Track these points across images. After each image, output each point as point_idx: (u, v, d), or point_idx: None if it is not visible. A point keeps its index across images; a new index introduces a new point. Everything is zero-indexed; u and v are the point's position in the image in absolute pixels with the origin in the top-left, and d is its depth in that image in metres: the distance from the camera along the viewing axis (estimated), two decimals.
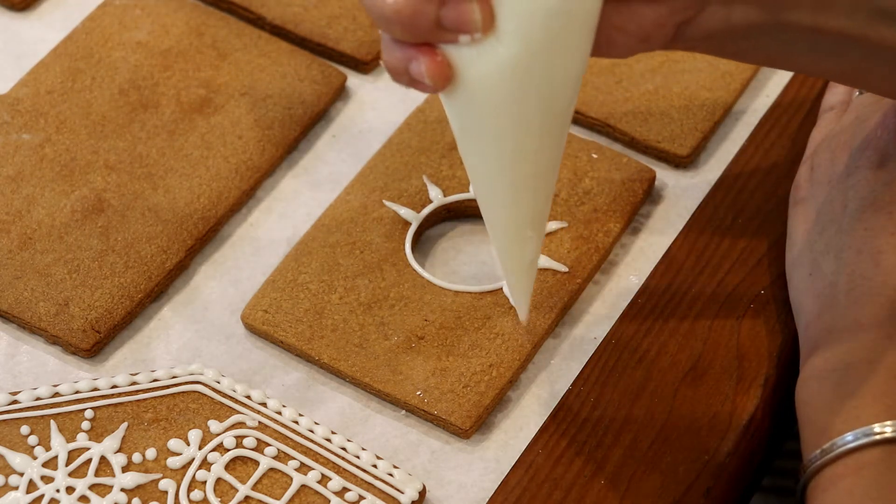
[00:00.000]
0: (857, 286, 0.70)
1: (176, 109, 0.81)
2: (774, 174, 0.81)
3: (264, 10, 0.86)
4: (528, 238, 0.66)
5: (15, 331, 0.75)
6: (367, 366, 0.73)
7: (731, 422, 0.72)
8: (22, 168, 0.79)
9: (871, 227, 0.71)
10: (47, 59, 0.83)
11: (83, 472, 0.69)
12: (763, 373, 0.74)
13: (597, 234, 0.77)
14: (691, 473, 0.71)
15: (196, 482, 0.69)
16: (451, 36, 0.59)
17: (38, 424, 0.71)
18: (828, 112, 0.79)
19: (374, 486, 0.69)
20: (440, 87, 0.60)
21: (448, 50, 0.59)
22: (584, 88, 0.82)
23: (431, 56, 0.59)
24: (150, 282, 0.75)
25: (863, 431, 0.65)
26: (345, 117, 0.83)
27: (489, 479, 0.71)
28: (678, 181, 0.81)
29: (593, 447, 0.71)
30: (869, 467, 0.65)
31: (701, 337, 0.75)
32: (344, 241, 0.77)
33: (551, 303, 0.75)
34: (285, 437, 0.71)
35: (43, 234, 0.76)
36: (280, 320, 0.74)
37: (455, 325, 0.74)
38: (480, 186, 0.65)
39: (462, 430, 0.72)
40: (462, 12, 0.58)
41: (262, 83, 0.82)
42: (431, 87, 0.60)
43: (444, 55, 0.59)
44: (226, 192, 0.79)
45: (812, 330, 0.70)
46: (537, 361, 0.74)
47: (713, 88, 0.83)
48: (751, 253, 0.78)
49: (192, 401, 0.72)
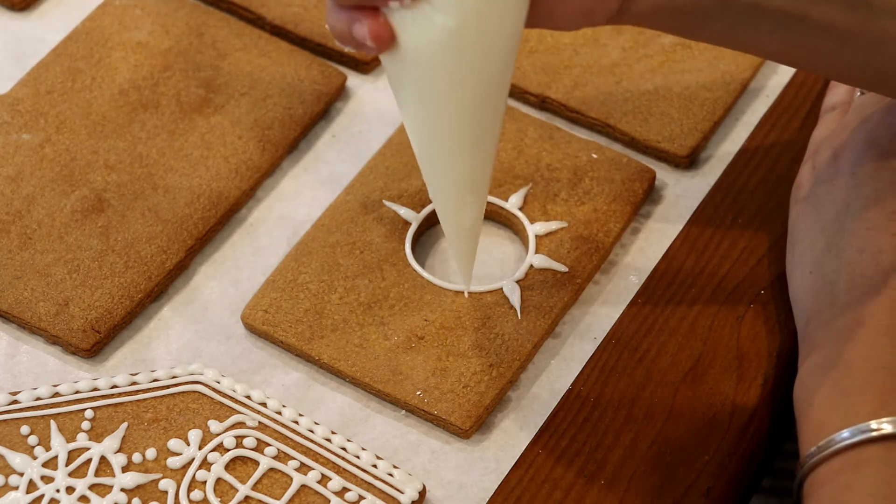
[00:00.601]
0: (857, 285, 0.70)
1: (176, 109, 0.81)
2: (774, 174, 0.81)
3: (264, 10, 0.86)
4: (468, 203, 0.68)
5: (15, 331, 0.75)
6: (367, 366, 0.73)
7: (731, 422, 0.72)
8: (22, 168, 0.79)
9: (873, 226, 0.71)
10: (47, 59, 0.83)
11: (83, 472, 0.69)
12: (763, 372, 0.74)
13: (597, 234, 0.77)
14: (691, 473, 0.71)
15: (196, 482, 0.69)
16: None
17: (38, 424, 0.71)
18: (829, 112, 0.79)
19: (374, 486, 0.69)
20: (381, 48, 0.62)
21: (389, 14, 0.62)
22: (585, 88, 0.82)
23: (373, 18, 0.62)
24: (150, 282, 0.75)
25: (859, 428, 0.65)
26: (345, 117, 0.83)
27: (489, 479, 0.71)
28: (678, 181, 0.81)
29: (593, 447, 0.71)
30: (867, 464, 0.65)
31: (701, 337, 0.75)
32: (344, 241, 0.77)
33: (551, 303, 0.75)
34: (285, 437, 0.71)
35: (43, 234, 0.76)
36: (280, 320, 0.74)
37: (455, 325, 0.74)
38: (419, 151, 0.67)
39: (462, 430, 0.72)
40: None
41: (262, 83, 0.82)
42: (374, 48, 0.62)
43: (385, 18, 0.62)
44: (226, 192, 0.79)
45: (812, 328, 0.70)
46: (537, 361, 0.74)
47: (713, 88, 0.83)
48: (751, 253, 0.78)
49: (192, 401, 0.72)
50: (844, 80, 0.70)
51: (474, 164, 0.66)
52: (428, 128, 0.65)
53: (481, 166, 0.67)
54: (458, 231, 0.69)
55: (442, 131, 0.65)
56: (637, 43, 0.84)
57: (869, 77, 0.67)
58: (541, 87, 0.83)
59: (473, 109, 0.64)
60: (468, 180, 0.67)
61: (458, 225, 0.69)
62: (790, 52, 0.67)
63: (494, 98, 0.64)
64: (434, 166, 0.67)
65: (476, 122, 0.65)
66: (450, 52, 0.62)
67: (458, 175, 0.67)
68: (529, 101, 0.83)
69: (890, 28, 0.64)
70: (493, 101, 0.64)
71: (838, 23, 0.64)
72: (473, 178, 0.67)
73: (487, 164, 0.67)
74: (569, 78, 0.83)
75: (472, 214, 0.69)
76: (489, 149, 0.66)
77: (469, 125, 0.65)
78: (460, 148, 0.65)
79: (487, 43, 0.62)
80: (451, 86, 0.63)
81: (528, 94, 0.83)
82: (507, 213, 0.78)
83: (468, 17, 0.61)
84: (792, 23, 0.64)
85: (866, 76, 0.67)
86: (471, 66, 0.62)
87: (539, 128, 0.81)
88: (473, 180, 0.67)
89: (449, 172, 0.67)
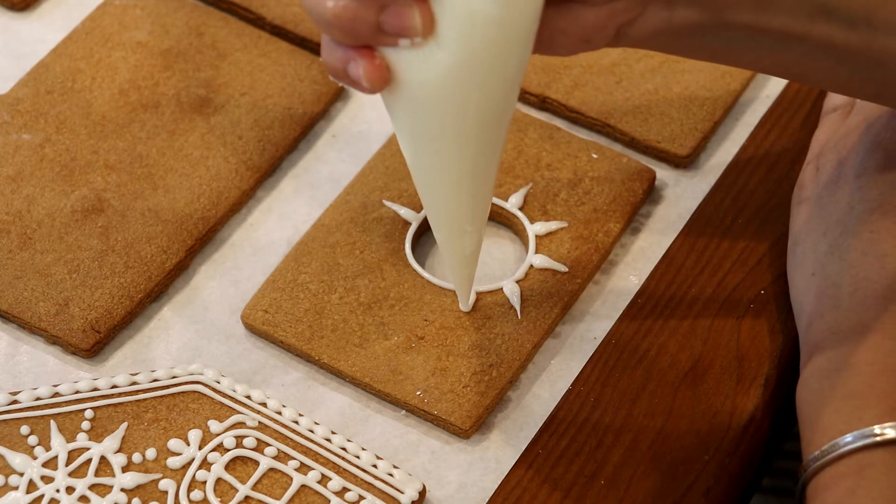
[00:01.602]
0: (861, 288, 0.69)
1: (176, 109, 0.81)
2: (774, 174, 0.81)
3: (264, 10, 0.86)
4: (467, 233, 0.68)
5: (15, 331, 0.75)
6: (367, 366, 0.73)
7: (731, 422, 0.72)
8: (22, 168, 0.79)
9: (877, 229, 0.71)
10: (47, 59, 0.83)
11: (83, 472, 0.69)
12: (763, 373, 0.74)
13: (597, 234, 0.77)
14: (691, 473, 0.71)
15: (196, 482, 0.69)
16: (391, 40, 0.59)
17: (38, 424, 0.71)
18: (830, 114, 0.79)
19: (374, 486, 0.69)
20: (377, 89, 0.61)
21: (388, 53, 0.60)
22: (585, 88, 0.82)
23: (370, 59, 0.60)
24: (150, 282, 0.75)
25: (863, 433, 0.65)
26: (345, 117, 0.83)
27: (489, 479, 0.71)
28: (678, 181, 0.81)
29: (593, 447, 0.71)
30: (871, 468, 0.65)
31: (701, 337, 0.75)
32: (344, 241, 0.77)
33: (551, 303, 0.75)
34: (285, 437, 0.71)
35: (43, 234, 0.76)
36: (280, 320, 0.74)
37: (455, 325, 0.74)
38: (420, 183, 0.66)
39: (462, 430, 0.72)
40: (403, 18, 0.58)
41: (262, 83, 0.82)
42: (368, 88, 0.61)
43: (382, 58, 0.60)
44: (226, 192, 0.79)
45: (814, 330, 0.70)
46: (537, 361, 0.74)
47: (713, 88, 0.83)
48: (751, 253, 0.78)
49: (192, 401, 0.72)
50: (845, 93, 0.69)
51: (475, 196, 0.66)
52: (427, 161, 0.64)
53: (482, 197, 0.66)
54: (459, 259, 0.70)
55: (442, 165, 0.64)
56: None
57: (870, 91, 0.67)
58: (541, 87, 0.83)
59: (475, 144, 0.63)
60: (468, 211, 0.67)
61: (458, 253, 0.69)
62: (790, 68, 0.66)
63: (497, 133, 0.63)
64: (434, 198, 0.67)
65: (477, 155, 0.64)
66: (455, 89, 0.60)
67: (458, 206, 0.66)
68: (529, 101, 0.83)
69: (891, 46, 0.64)
70: (495, 135, 0.63)
71: (839, 42, 0.63)
72: (473, 208, 0.67)
73: (487, 195, 0.67)
74: (569, 78, 0.83)
75: (472, 242, 0.69)
76: (489, 180, 0.66)
77: (470, 159, 0.64)
78: (460, 182, 0.65)
79: (493, 79, 0.61)
80: (455, 122, 0.62)
81: (528, 94, 0.83)
82: (507, 213, 0.78)
83: (475, 54, 0.59)
84: (792, 42, 0.63)
85: (867, 90, 0.67)
86: (474, 103, 0.61)
87: (539, 128, 0.81)
88: (473, 211, 0.67)
89: (449, 204, 0.66)
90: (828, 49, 0.64)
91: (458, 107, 0.61)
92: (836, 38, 0.63)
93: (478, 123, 0.62)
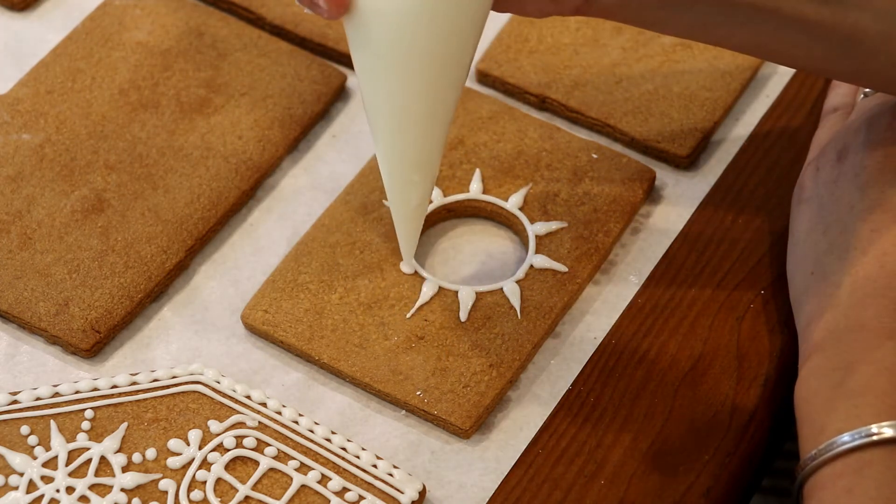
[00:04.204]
0: (860, 287, 0.69)
1: (176, 109, 0.81)
2: (774, 174, 0.81)
3: (264, 10, 0.86)
4: (415, 183, 0.69)
5: (15, 331, 0.75)
6: (367, 366, 0.73)
7: (730, 422, 0.72)
8: (22, 168, 0.79)
9: (878, 228, 0.71)
10: (47, 59, 0.83)
11: (83, 473, 0.69)
12: (763, 373, 0.74)
13: (597, 234, 0.77)
14: (691, 473, 0.71)
15: (196, 482, 0.69)
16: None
17: (38, 424, 0.71)
18: (831, 114, 0.79)
19: (374, 487, 0.69)
20: (334, 14, 0.62)
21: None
22: (585, 88, 0.82)
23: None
24: (150, 282, 0.75)
25: (860, 432, 0.65)
26: (345, 117, 0.83)
27: (489, 479, 0.71)
28: (678, 181, 0.81)
29: (593, 447, 0.71)
30: (868, 467, 0.65)
31: (701, 337, 0.75)
32: (344, 241, 0.77)
33: (551, 303, 0.75)
34: (285, 437, 0.71)
35: (43, 234, 0.76)
36: (280, 320, 0.74)
37: (455, 325, 0.74)
38: (372, 122, 0.67)
39: (462, 430, 0.72)
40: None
41: (262, 83, 0.82)
42: (326, 11, 0.62)
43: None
44: (226, 192, 0.79)
45: (813, 329, 0.70)
46: (537, 361, 0.74)
47: (713, 88, 0.83)
48: (751, 253, 0.78)
49: (192, 401, 0.72)
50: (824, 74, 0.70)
51: (425, 142, 0.67)
52: (381, 98, 0.66)
53: (431, 145, 0.67)
54: (405, 210, 0.71)
55: (394, 101, 0.65)
56: (637, 43, 0.84)
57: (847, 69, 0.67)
58: (541, 88, 0.83)
59: (428, 82, 0.64)
60: (416, 159, 0.68)
61: (405, 204, 0.70)
62: (763, 45, 0.67)
63: (451, 75, 0.64)
64: (384, 138, 0.68)
65: (429, 96, 0.65)
66: (409, 23, 0.62)
67: (407, 152, 0.67)
68: (529, 101, 0.83)
69: (861, 22, 0.65)
70: (449, 78, 0.64)
71: (810, 16, 0.64)
72: (422, 157, 0.68)
73: (437, 146, 0.68)
74: (569, 78, 0.83)
75: (418, 194, 0.70)
76: (440, 130, 0.67)
77: (422, 98, 0.65)
78: (412, 123, 0.66)
79: (450, 20, 0.62)
80: (408, 53, 0.63)
81: (528, 94, 0.83)
82: (507, 213, 0.78)
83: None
84: (763, 16, 0.64)
85: (844, 68, 0.67)
86: (431, 37, 0.62)
87: (539, 128, 0.81)
88: (421, 159, 0.68)
89: (397, 147, 0.68)
90: (800, 24, 0.65)
91: (410, 42, 0.62)
92: (807, 13, 0.64)
93: (429, 63, 0.63)
